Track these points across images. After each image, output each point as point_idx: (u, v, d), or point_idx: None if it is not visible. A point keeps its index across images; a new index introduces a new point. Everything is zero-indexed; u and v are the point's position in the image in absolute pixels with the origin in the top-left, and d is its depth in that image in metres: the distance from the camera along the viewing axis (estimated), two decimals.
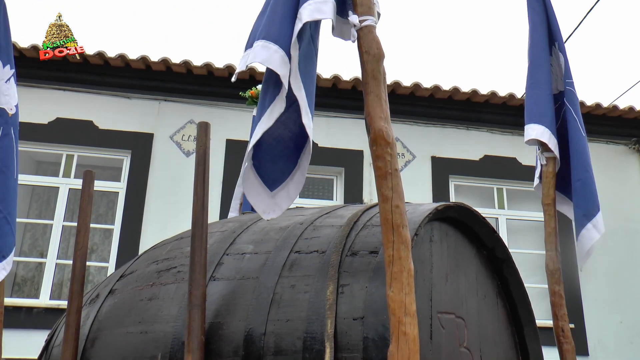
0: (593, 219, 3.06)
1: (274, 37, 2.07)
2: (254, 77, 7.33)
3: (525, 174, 7.80)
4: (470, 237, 2.60)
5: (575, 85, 3.29)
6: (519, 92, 8.05)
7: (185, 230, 2.61)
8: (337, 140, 7.95)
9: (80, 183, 2.64)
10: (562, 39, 3.36)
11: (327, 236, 2.20)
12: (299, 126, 2.11)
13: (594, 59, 21.57)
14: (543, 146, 3.16)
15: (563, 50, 3.32)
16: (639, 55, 21.11)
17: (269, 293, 2.02)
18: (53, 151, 7.57)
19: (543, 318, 4.85)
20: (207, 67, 7.61)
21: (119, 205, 7.45)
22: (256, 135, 2.06)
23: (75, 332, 2.25)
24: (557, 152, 3.14)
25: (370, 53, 2.06)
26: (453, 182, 8.20)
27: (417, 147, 8.17)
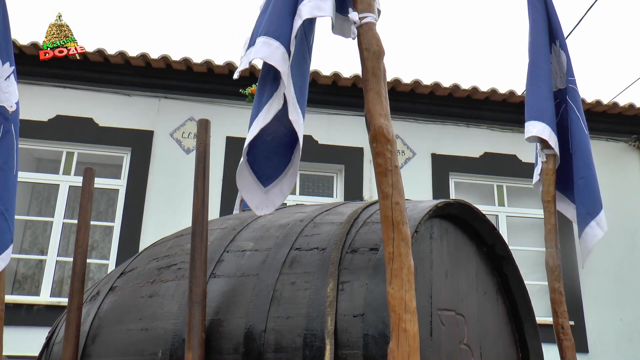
0: (596, 217, 3.06)
1: (276, 34, 2.07)
2: (254, 74, 7.32)
3: (525, 171, 7.80)
4: (470, 234, 2.61)
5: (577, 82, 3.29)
6: (519, 90, 8.05)
7: (186, 228, 2.61)
8: (337, 137, 7.95)
9: (80, 180, 2.64)
10: (564, 37, 3.35)
11: (327, 233, 2.20)
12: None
13: (595, 56, 21.56)
14: (543, 143, 3.16)
15: (565, 48, 3.31)
16: (639, 53, 21.10)
17: (269, 290, 2.03)
18: (53, 148, 7.57)
19: (543, 315, 4.86)
20: (207, 64, 7.61)
21: (119, 203, 7.45)
22: (253, 132, 2.05)
23: (75, 330, 2.25)
24: (558, 149, 3.14)
25: (371, 50, 2.06)
26: (453, 179, 8.20)
27: (417, 144, 8.17)
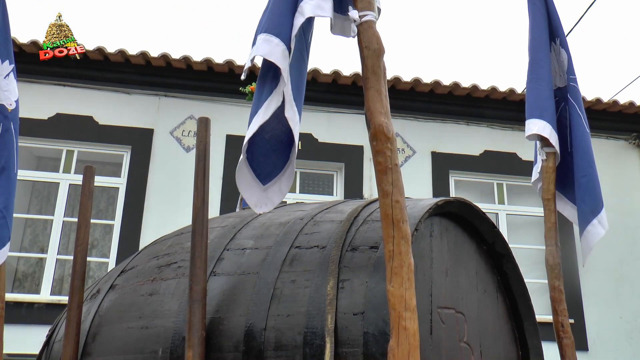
0: (598, 215, 3.05)
1: (276, 31, 2.07)
2: (254, 72, 7.30)
3: (525, 169, 7.79)
4: (470, 232, 2.61)
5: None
6: (519, 88, 8.04)
7: (186, 226, 2.62)
8: (337, 135, 7.95)
9: (80, 178, 2.64)
10: (564, 35, 3.34)
11: (327, 231, 2.20)
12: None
13: (595, 54, 21.55)
14: (544, 141, 3.16)
15: (565, 46, 3.30)
16: (639, 50, 21.08)
17: (270, 288, 2.03)
18: (53, 147, 7.57)
19: (543, 313, 4.86)
20: (207, 62, 7.60)
21: (119, 201, 7.45)
22: (252, 129, 2.05)
23: (76, 328, 2.25)
24: (558, 147, 3.14)
25: (371, 48, 2.05)
26: (453, 178, 8.20)
27: (417, 142, 8.17)
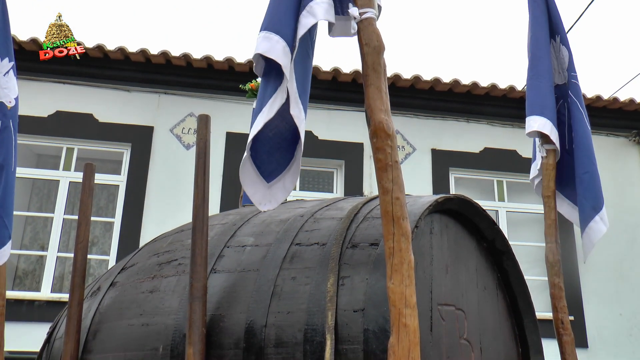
0: (600, 212, 3.05)
1: (276, 28, 2.08)
2: (255, 66, 7.30)
3: (525, 166, 7.76)
4: (470, 230, 2.61)
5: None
6: (519, 85, 8.04)
7: (186, 223, 2.62)
8: (337, 132, 7.94)
9: (80, 176, 2.64)
10: (565, 32, 3.34)
11: (327, 228, 2.20)
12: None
13: (595, 51, 21.53)
14: (544, 138, 3.15)
15: (566, 43, 3.29)
16: (639, 48, 21.07)
17: (270, 285, 2.03)
18: (53, 144, 7.57)
19: (543, 310, 4.87)
20: (207, 60, 7.59)
21: (120, 198, 7.45)
22: (257, 127, 2.06)
23: (77, 325, 2.25)
24: (559, 144, 3.13)
25: (371, 45, 2.05)
26: (453, 175, 8.20)
27: (417, 139, 8.17)
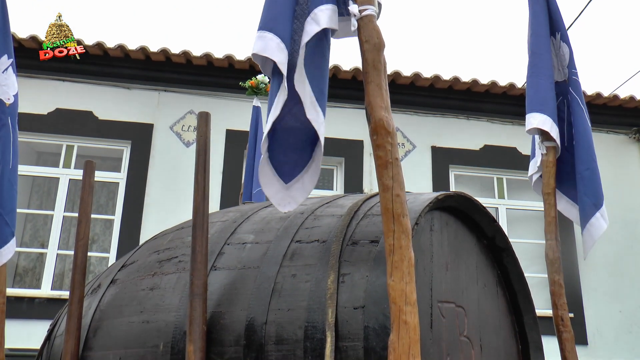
0: (601, 209, 3.05)
1: (269, 26, 2.10)
2: (253, 68, 7.31)
3: (525, 163, 7.74)
4: (470, 227, 2.61)
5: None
6: (519, 82, 8.04)
7: (186, 220, 2.62)
8: (337, 130, 7.93)
9: (80, 173, 2.65)
10: (565, 29, 3.33)
11: (327, 225, 2.20)
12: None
13: (595, 48, 21.51)
14: (544, 135, 3.15)
15: (566, 40, 3.28)
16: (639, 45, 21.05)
17: (270, 282, 2.03)
18: (53, 142, 7.57)
19: (543, 307, 4.87)
20: (207, 57, 7.59)
21: (120, 196, 7.46)
22: (267, 126, 2.07)
23: (77, 322, 2.26)
24: (559, 140, 3.13)
25: (371, 42, 2.05)
26: (453, 172, 8.20)
27: (417, 136, 8.17)
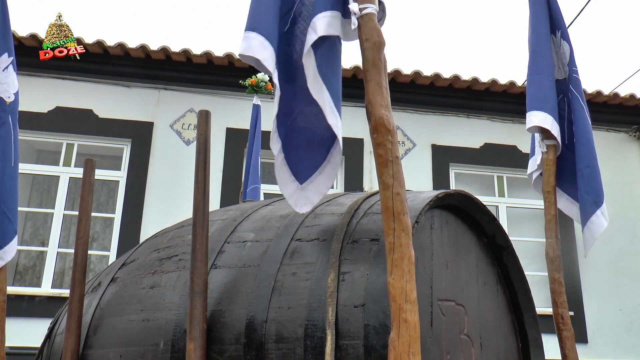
0: (601, 207, 3.05)
1: (253, 26, 2.13)
2: (253, 66, 7.30)
3: (525, 162, 7.71)
4: (470, 225, 2.61)
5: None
6: (520, 80, 8.03)
7: (186, 219, 2.62)
8: None
9: (80, 172, 2.65)
10: (566, 27, 3.32)
11: (328, 224, 2.21)
12: (322, 120, 2.10)
13: (595, 46, 21.50)
14: (545, 133, 3.14)
15: (567, 38, 3.28)
16: None
17: (270, 281, 2.03)
18: (53, 140, 7.57)
19: (543, 305, 4.87)
20: (207, 55, 7.59)
21: (120, 194, 7.46)
22: (273, 125, 2.10)
23: (77, 320, 2.26)
24: (560, 139, 3.13)
25: (371, 41, 2.05)
26: (453, 170, 8.20)
27: (418, 135, 8.17)
